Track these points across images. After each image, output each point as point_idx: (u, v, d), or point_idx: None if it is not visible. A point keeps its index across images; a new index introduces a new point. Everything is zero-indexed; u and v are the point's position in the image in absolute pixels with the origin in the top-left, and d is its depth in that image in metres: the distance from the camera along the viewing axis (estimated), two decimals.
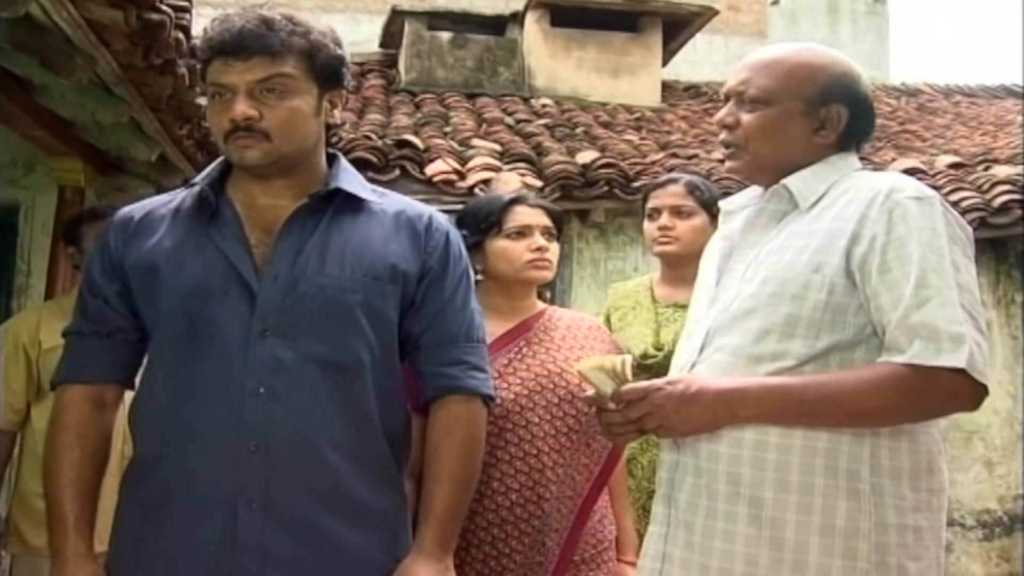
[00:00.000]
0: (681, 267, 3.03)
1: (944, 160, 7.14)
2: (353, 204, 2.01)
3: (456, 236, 2.09)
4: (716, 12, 9.70)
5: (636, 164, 6.20)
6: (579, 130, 7.50)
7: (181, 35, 3.05)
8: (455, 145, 6.58)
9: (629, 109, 8.84)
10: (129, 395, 2.07)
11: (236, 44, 1.89)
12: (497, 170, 6.06)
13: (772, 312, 1.84)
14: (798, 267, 1.84)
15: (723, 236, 2.06)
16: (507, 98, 8.86)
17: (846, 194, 1.89)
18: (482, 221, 2.57)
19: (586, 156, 6.31)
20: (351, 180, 2.04)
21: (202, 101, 3.87)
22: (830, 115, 1.95)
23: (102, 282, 2.00)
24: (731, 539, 1.82)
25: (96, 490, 1.99)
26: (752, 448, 1.82)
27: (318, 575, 1.88)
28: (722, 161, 6.20)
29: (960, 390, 1.73)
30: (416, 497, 2.04)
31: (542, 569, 2.42)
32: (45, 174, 5.07)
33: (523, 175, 6.01)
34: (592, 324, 2.67)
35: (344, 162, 2.09)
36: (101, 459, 2.00)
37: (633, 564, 2.30)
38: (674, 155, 6.54)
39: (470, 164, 6.12)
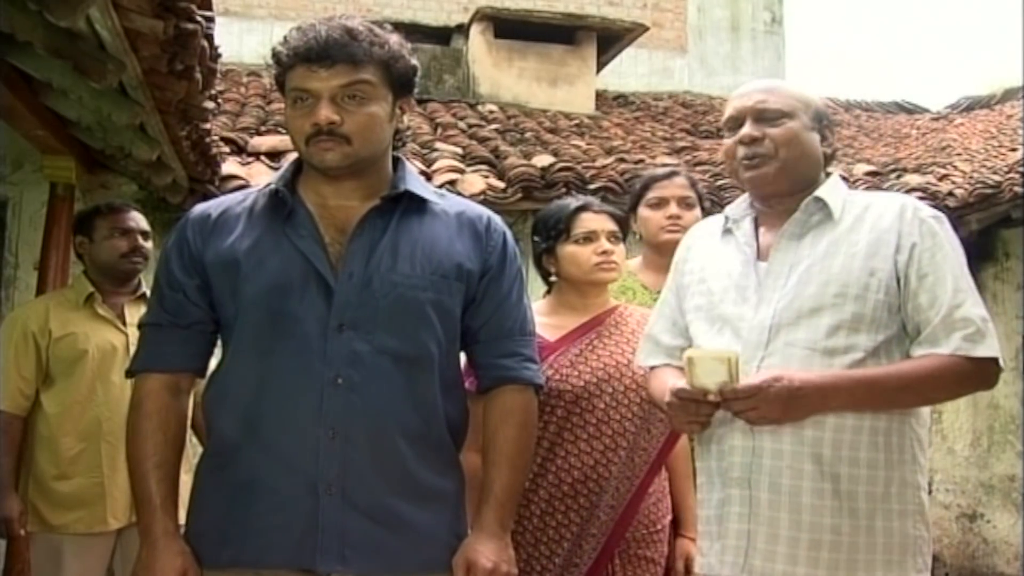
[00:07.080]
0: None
1: (861, 168, 7.31)
2: (418, 205, 2.00)
3: (511, 236, 2.10)
4: (647, 28, 9.77)
5: (589, 168, 6.23)
6: (528, 135, 7.49)
7: (205, 43, 2.99)
8: (418, 148, 6.53)
9: (568, 116, 8.87)
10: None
11: (321, 52, 1.86)
12: (461, 172, 6.03)
13: (839, 310, 1.93)
14: (855, 271, 1.94)
15: (744, 243, 2.10)
16: (454, 104, 8.82)
17: (871, 209, 2.01)
18: (552, 228, 2.59)
19: (543, 160, 6.31)
20: (415, 182, 2.03)
21: (208, 104, 3.80)
22: (825, 130, 2.09)
23: (181, 277, 1.96)
24: (819, 512, 1.90)
25: (177, 471, 1.96)
26: (832, 430, 1.91)
27: (391, 553, 1.88)
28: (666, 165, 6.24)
29: (992, 373, 1.91)
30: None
31: (595, 540, 2.46)
32: (34, 171, 4.93)
33: (486, 176, 6.00)
34: None
35: (408, 165, 2.07)
36: (180, 443, 1.98)
37: (694, 540, 2.32)
38: (622, 160, 6.56)
39: (435, 166, 6.08)
